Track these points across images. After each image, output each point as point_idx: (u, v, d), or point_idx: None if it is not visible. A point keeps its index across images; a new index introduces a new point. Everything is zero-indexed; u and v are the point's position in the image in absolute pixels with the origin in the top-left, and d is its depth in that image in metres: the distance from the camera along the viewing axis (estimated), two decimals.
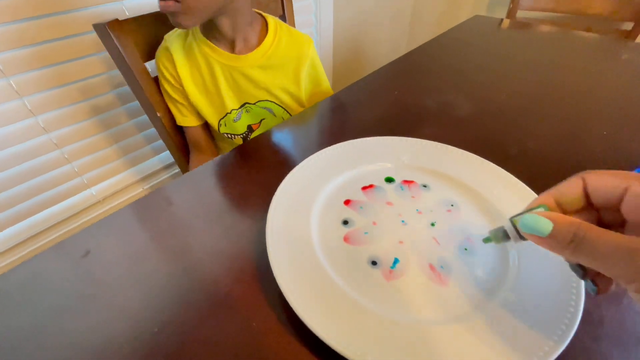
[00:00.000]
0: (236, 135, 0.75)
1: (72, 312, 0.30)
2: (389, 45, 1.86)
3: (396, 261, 0.32)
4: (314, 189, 0.39)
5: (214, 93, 0.68)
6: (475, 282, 0.30)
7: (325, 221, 0.36)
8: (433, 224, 0.35)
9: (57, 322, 0.30)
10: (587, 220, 0.21)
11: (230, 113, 0.70)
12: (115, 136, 0.99)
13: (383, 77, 0.69)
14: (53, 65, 0.81)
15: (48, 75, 0.81)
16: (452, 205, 0.38)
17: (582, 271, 0.23)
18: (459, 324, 0.27)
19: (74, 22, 0.80)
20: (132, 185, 1.08)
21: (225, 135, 0.74)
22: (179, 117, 0.71)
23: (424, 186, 0.40)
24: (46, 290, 0.32)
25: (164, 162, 1.13)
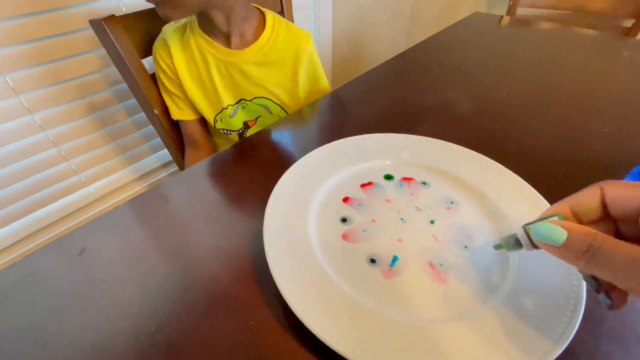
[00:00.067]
0: (232, 131, 0.74)
1: (67, 311, 0.30)
2: (388, 43, 1.85)
3: (395, 259, 0.32)
4: (312, 187, 0.38)
5: (209, 87, 0.67)
6: (475, 280, 0.30)
7: (324, 219, 0.35)
8: (432, 222, 0.35)
9: (51, 321, 0.29)
10: (603, 231, 0.20)
11: (227, 108, 0.69)
12: (113, 134, 0.98)
13: (382, 74, 0.68)
14: (50, 63, 0.80)
15: (45, 72, 0.80)
16: (451, 202, 0.37)
17: (596, 283, 0.22)
18: (459, 322, 0.27)
19: (71, 19, 0.79)
20: (131, 184, 1.08)
21: (222, 131, 0.74)
22: (175, 111, 0.70)
23: (424, 183, 0.40)
24: (41, 289, 0.32)
25: (162, 160, 1.12)
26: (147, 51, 0.66)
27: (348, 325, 0.26)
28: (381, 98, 0.61)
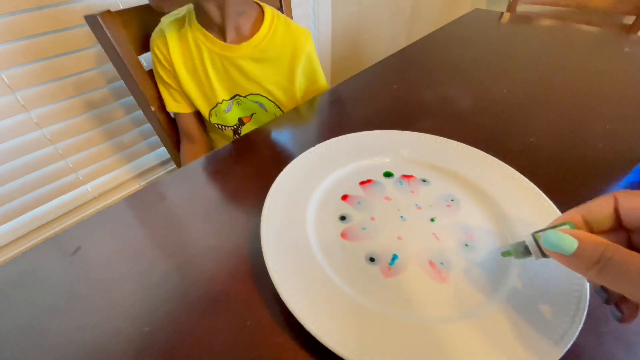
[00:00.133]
0: (227, 126, 0.73)
1: (60, 311, 0.29)
2: (388, 41, 1.84)
3: (395, 257, 0.31)
4: (310, 184, 0.38)
5: (204, 81, 0.66)
6: (476, 279, 0.29)
7: (322, 217, 0.35)
8: (433, 220, 0.35)
9: (44, 321, 0.29)
10: (615, 241, 0.20)
11: (221, 103, 0.68)
12: (111, 132, 0.97)
13: (382, 71, 0.67)
14: (46, 59, 0.79)
15: (41, 69, 0.79)
16: (452, 200, 0.37)
17: (606, 295, 0.22)
18: (459, 322, 0.26)
19: (67, 15, 0.78)
20: (128, 182, 1.07)
21: (216, 125, 0.73)
22: (171, 103, 0.69)
23: (424, 181, 0.39)
24: (34, 289, 0.31)
25: (160, 158, 1.11)
26: (144, 47, 0.65)
27: (347, 325, 0.26)
28: (381, 95, 0.60)
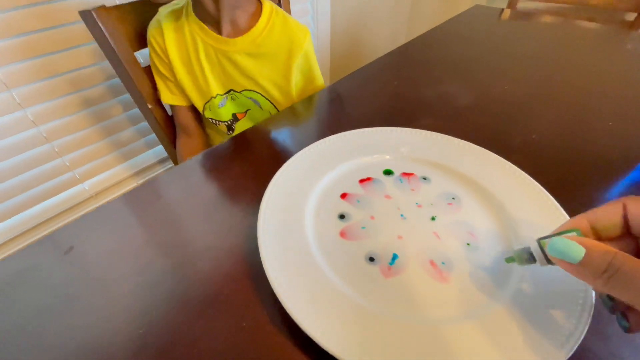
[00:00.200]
0: (220, 121, 0.72)
1: (53, 312, 0.29)
2: (387, 37, 1.83)
3: (395, 257, 0.30)
4: (309, 182, 0.37)
5: (199, 74, 0.65)
6: (479, 279, 0.29)
7: (321, 215, 0.34)
8: (433, 218, 0.34)
9: (36, 322, 0.28)
10: (623, 249, 0.19)
11: (215, 98, 0.67)
12: (108, 129, 0.96)
13: (381, 68, 0.67)
14: (42, 56, 0.78)
15: (37, 66, 0.78)
16: (453, 198, 0.36)
17: (612, 303, 0.21)
18: (461, 323, 0.26)
19: (64, 11, 0.77)
20: (126, 180, 1.06)
21: (210, 120, 0.72)
22: (167, 95, 0.68)
23: (424, 179, 0.38)
24: (25, 289, 0.30)
25: (158, 156, 1.10)
26: (140, 43, 0.64)
27: (346, 327, 0.25)
28: (380, 92, 0.59)
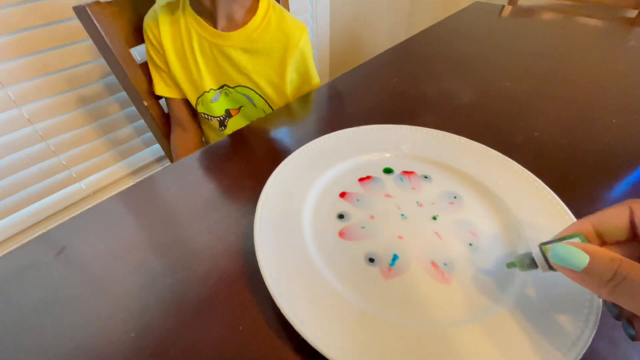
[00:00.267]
0: (213, 117, 0.70)
1: (43, 315, 0.28)
2: (387, 34, 1.82)
3: (395, 258, 0.30)
4: (307, 181, 0.36)
5: (192, 67, 0.64)
6: (482, 280, 0.28)
7: (319, 215, 0.33)
8: (435, 218, 0.33)
9: (26, 325, 0.27)
10: (629, 255, 0.18)
11: (208, 92, 0.66)
12: (105, 128, 0.95)
13: (381, 65, 0.66)
14: (37, 53, 0.78)
15: (32, 63, 0.78)
16: (455, 197, 0.35)
17: (617, 310, 0.20)
18: (463, 326, 0.25)
19: (59, 7, 0.76)
20: (123, 179, 1.05)
21: (203, 115, 0.71)
22: (162, 87, 0.67)
23: (425, 177, 0.38)
24: (16, 291, 0.30)
25: (156, 154, 1.10)
26: (136, 39, 0.63)
27: (345, 331, 0.24)
28: (380, 89, 0.58)
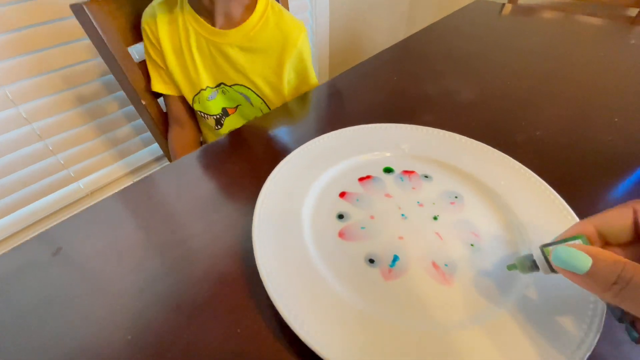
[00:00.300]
0: (209, 115, 0.70)
1: (37, 318, 0.27)
2: (387, 33, 1.81)
3: (396, 259, 0.29)
4: (306, 181, 0.36)
5: (189, 64, 0.64)
6: (484, 282, 0.27)
7: (319, 215, 0.33)
8: (436, 218, 0.33)
9: (18, 329, 0.27)
10: (633, 257, 0.18)
11: (205, 90, 0.66)
12: (103, 127, 0.95)
13: (381, 63, 0.65)
14: (35, 52, 0.77)
15: (30, 62, 0.77)
16: (456, 197, 0.35)
17: (620, 312, 0.20)
18: (466, 328, 0.24)
19: (57, 6, 0.75)
20: (122, 179, 1.05)
21: (199, 113, 0.70)
22: (160, 84, 0.66)
23: (426, 177, 0.37)
24: (9, 294, 0.29)
25: (154, 154, 1.09)
26: (134, 37, 0.63)
27: (344, 334, 0.24)
28: (380, 87, 0.58)
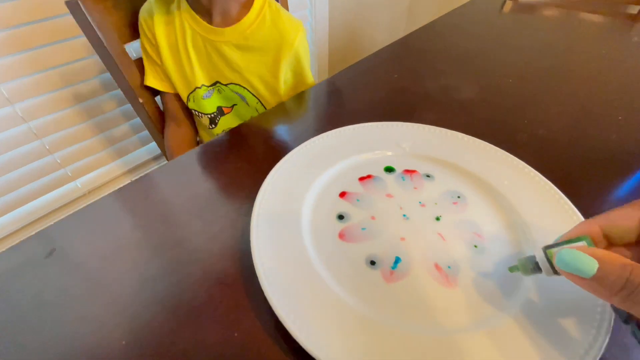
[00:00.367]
0: (203, 114, 0.69)
1: (27, 323, 0.26)
2: (387, 30, 1.80)
3: (397, 260, 0.28)
4: (306, 180, 0.35)
5: (185, 62, 0.63)
6: (487, 284, 0.27)
7: (319, 216, 0.32)
8: (438, 218, 0.32)
9: (16, 328, 0.26)
10: (638, 257, 0.17)
11: (200, 88, 0.65)
12: (100, 125, 0.94)
13: (381, 60, 0.64)
14: (32, 50, 0.76)
15: (26, 60, 0.76)
16: (458, 197, 0.34)
17: (626, 314, 0.19)
18: (470, 332, 0.24)
19: (52, 3, 0.74)
20: (119, 178, 1.04)
21: (193, 111, 0.69)
22: (155, 80, 0.65)
23: (428, 176, 0.36)
24: (6, 293, 0.28)
25: (152, 152, 1.08)
26: (131, 34, 0.62)
27: (345, 337, 0.23)
28: (380, 85, 0.57)
